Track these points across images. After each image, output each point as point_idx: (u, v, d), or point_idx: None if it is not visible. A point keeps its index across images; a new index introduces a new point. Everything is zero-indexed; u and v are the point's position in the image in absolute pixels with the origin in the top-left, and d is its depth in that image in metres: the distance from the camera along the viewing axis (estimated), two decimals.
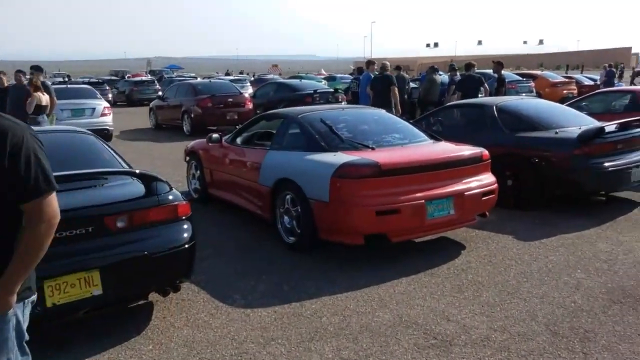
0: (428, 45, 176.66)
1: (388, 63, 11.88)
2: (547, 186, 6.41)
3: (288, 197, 5.20)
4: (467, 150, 5.23)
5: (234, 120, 14.69)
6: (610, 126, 6.42)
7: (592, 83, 24.93)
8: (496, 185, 5.29)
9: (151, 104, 17.95)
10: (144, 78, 33.08)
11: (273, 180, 5.39)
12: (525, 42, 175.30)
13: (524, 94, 20.67)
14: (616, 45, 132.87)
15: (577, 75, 27.05)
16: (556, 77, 23.87)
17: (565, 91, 22.01)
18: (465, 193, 4.92)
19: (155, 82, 29.70)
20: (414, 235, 5.01)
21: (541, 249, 5.12)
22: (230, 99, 14.96)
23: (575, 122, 6.97)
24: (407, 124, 6.13)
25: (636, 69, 31.55)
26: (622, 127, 6.50)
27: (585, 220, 5.99)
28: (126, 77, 43.88)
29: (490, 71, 19.55)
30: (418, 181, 4.74)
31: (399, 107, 10.99)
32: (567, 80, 23.28)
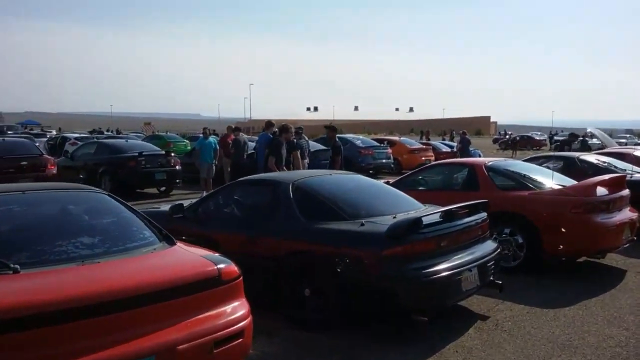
0: (308, 109, 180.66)
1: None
2: (354, 300, 4.59)
3: None
4: (185, 268, 3.21)
5: None
6: (431, 216, 4.81)
7: (449, 150, 24.84)
8: (247, 320, 3.31)
9: None
10: None
11: None
12: (397, 109, 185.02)
13: (382, 161, 19.78)
14: (477, 114, 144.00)
15: (436, 142, 27.00)
16: (414, 143, 23.51)
17: (423, 158, 21.48)
18: (179, 347, 2.88)
19: None
20: None
21: None
22: (25, 162, 12.14)
23: (396, 207, 5.34)
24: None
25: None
26: (447, 216, 4.90)
27: None
28: None
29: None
30: (64, 338, 2.62)
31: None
32: (424, 147, 22.85)
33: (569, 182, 7.15)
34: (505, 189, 6.95)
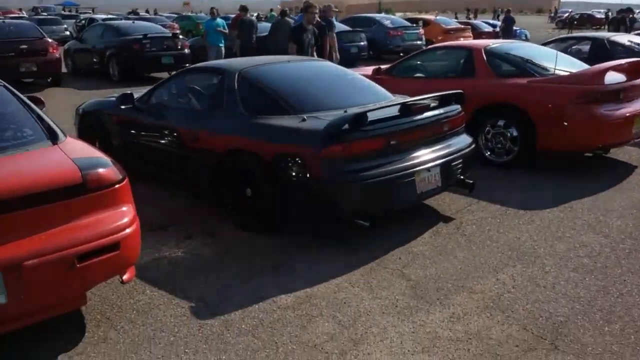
0: None
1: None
2: (293, 203, 4.20)
3: None
4: (40, 174, 2.80)
5: (33, 72, 11.78)
6: (383, 110, 4.22)
7: (490, 30, 23.14)
8: (127, 231, 2.96)
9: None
10: None
11: None
12: None
13: (413, 42, 18.56)
14: None
15: (477, 22, 25.12)
16: (451, 23, 21.84)
17: (460, 39, 20.02)
18: (26, 263, 2.57)
19: None
20: None
21: None
22: (25, 46, 11.81)
23: (354, 100, 4.75)
24: None
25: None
26: (404, 110, 4.30)
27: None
28: None
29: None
30: None
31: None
32: (462, 27, 21.23)
33: (582, 67, 6.27)
34: (504, 75, 6.17)
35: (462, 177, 4.73)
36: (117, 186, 2.99)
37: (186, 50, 13.75)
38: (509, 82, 6.03)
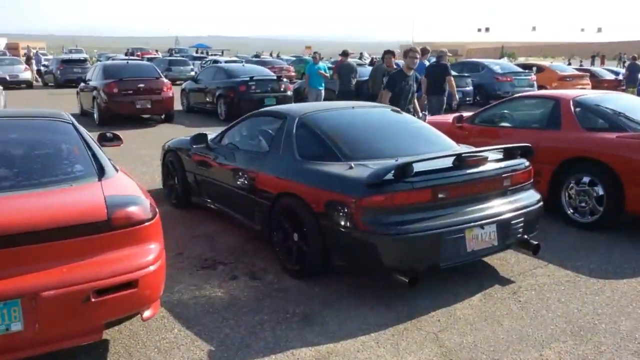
0: (479, 30, 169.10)
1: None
2: (332, 252, 4.13)
3: None
4: (69, 210, 2.94)
5: (147, 109, 12.79)
6: (432, 162, 4.05)
7: (613, 78, 21.70)
8: (148, 270, 3.05)
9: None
10: (72, 57, 30.71)
11: None
12: (582, 30, 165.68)
13: (524, 88, 17.85)
14: None
15: (597, 69, 23.67)
16: (567, 69, 20.76)
17: (578, 86, 18.98)
18: (43, 293, 2.73)
19: (88, 61, 27.41)
20: None
21: None
22: (142, 85, 12.86)
23: (411, 148, 4.64)
24: None
25: None
26: (459, 162, 4.10)
27: None
28: (135, 54, 42.94)
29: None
30: None
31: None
32: (579, 74, 20.11)
33: None
34: (592, 129, 5.71)
35: (525, 236, 4.39)
36: (145, 224, 3.10)
37: (289, 92, 14.25)
38: (596, 136, 5.56)
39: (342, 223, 3.90)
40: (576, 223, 5.63)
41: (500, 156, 4.44)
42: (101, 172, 3.44)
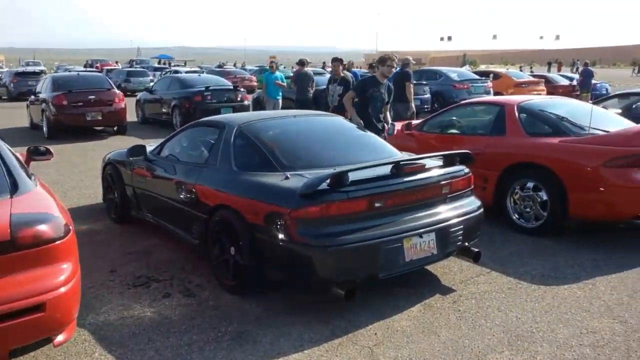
0: (442, 39, 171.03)
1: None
2: (269, 266, 3.99)
3: None
4: None
5: (98, 121, 12.45)
6: (369, 170, 3.96)
7: (567, 83, 22.21)
8: (56, 293, 2.84)
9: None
10: (27, 69, 29.87)
11: None
12: (541, 37, 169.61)
13: (480, 96, 18.09)
14: (636, 41, 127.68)
15: (553, 75, 24.19)
16: (523, 76, 21.17)
17: (533, 92, 19.34)
18: None
19: (45, 73, 26.61)
20: None
21: None
22: (92, 96, 12.52)
23: (351, 157, 4.55)
24: None
25: None
26: (396, 170, 4.02)
27: None
28: (94, 66, 42.23)
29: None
30: None
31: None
32: (534, 80, 20.51)
33: (635, 125, 5.73)
34: (536, 134, 5.71)
35: (465, 244, 4.33)
36: (56, 243, 2.92)
37: (246, 102, 14.10)
38: (540, 141, 5.57)
39: (277, 235, 3.76)
40: (521, 228, 5.61)
41: (440, 163, 4.38)
42: (14, 188, 3.23)
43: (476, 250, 4.36)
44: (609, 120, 5.91)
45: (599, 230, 5.59)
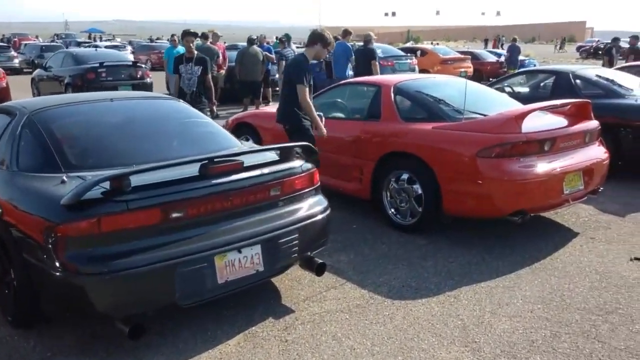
0: (386, 14, 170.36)
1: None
2: (42, 294, 3.14)
3: None
4: None
5: None
6: (168, 170, 3.15)
7: (494, 60, 21.97)
8: None
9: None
10: None
11: None
12: (483, 14, 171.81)
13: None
14: (571, 18, 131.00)
15: (480, 51, 23.93)
16: (449, 52, 20.70)
17: (459, 70, 18.94)
18: None
19: None
20: None
21: None
22: None
23: (182, 150, 3.75)
24: None
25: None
26: (205, 171, 3.22)
27: None
28: (12, 41, 39.45)
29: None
30: None
31: None
32: (461, 56, 20.10)
33: (515, 108, 5.11)
34: (410, 119, 5.04)
35: (308, 254, 3.62)
36: None
37: (148, 80, 12.96)
38: (413, 127, 4.90)
39: (43, 257, 2.93)
40: (399, 225, 4.98)
41: (275, 158, 3.62)
42: None
43: (319, 262, 3.66)
44: (496, 103, 5.29)
45: (486, 227, 4.99)
